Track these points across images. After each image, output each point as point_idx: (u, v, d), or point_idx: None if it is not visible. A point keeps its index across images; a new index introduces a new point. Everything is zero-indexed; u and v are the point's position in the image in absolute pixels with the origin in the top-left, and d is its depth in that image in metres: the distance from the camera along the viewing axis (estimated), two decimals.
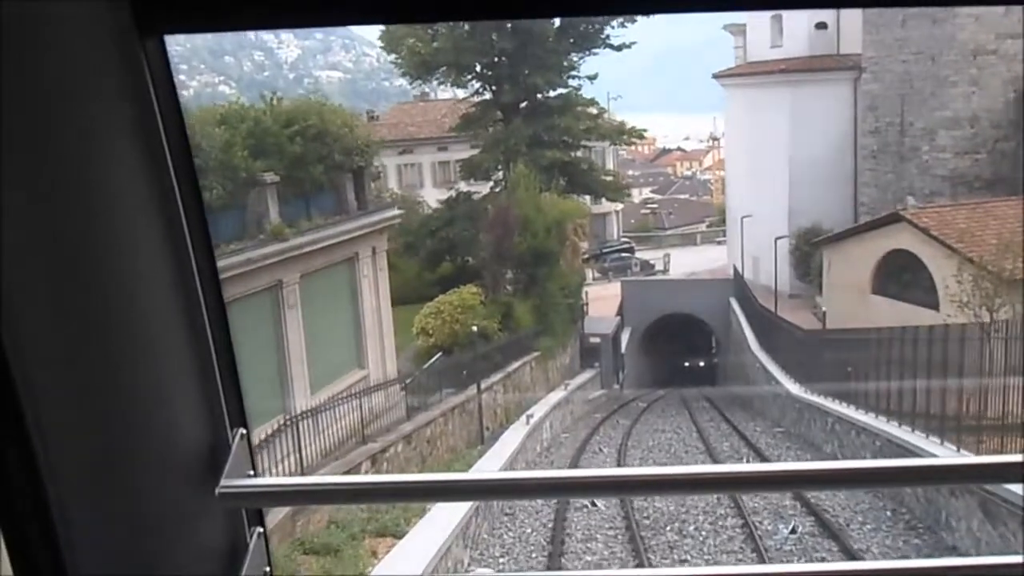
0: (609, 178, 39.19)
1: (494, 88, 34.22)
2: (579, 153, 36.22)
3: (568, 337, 30.27)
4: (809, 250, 35.87)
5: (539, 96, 34.25)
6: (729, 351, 39.36)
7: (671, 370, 42.55)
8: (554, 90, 35.07)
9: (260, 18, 1.09)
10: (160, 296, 1.18)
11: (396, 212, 22.82)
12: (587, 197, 38.29)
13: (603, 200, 53.49)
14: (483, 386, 20.75)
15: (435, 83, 37.71)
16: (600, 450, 20.15)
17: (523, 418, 18.86)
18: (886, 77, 34.76)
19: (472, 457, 16.51)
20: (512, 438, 16.92)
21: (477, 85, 34.61)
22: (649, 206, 77.83)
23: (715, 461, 18.85)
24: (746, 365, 32.81)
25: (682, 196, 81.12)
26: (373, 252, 19.51)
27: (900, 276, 27.59)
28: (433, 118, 50.97)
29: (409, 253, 33.58)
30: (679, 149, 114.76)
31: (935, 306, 25.65)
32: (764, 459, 18.46)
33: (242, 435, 1.29)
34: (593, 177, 36.75)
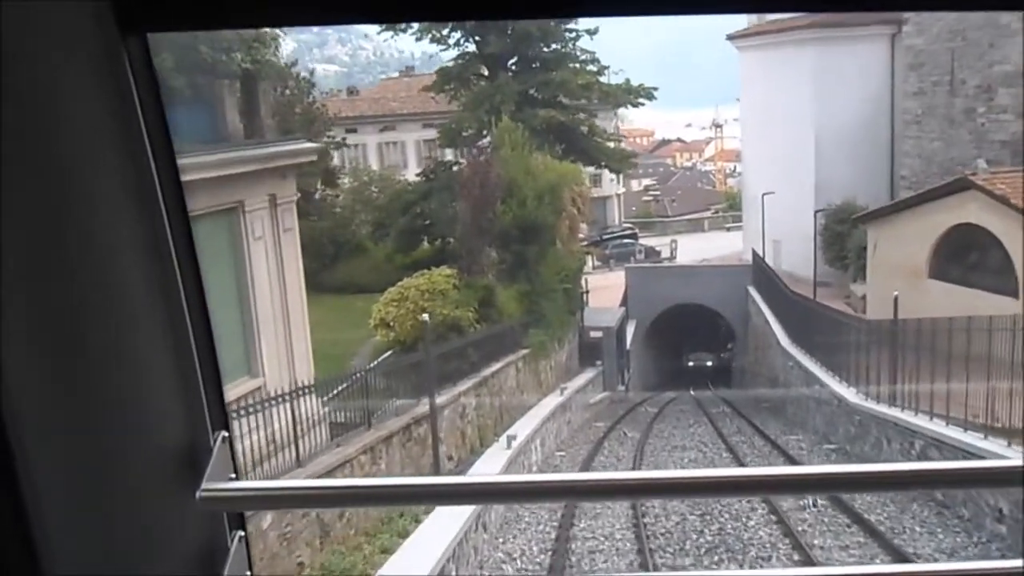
0: (612, 144, 33.90)
1: (477, 39, 29.16)
2: (580, 115, 31.11)
3: (565, 331, 25.45)
4: (842, 230, 31.23)
5: (531, 51, 29.18)
6: (748, 347, 34.89)
7: (681, 368, 38.02)
8: (548, 47, 30.12)
9: (243, 17, 1.08)
10: (142, 298, 1.17)
11: (309, 146, 16.94)
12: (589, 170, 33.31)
13: (603, 177, 49.19)
14: (453, 394, 15.94)
15: (411, 36, 32.48)
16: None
17: (503, 440, 14.12)
18: (933, 29, 29.97)
19: (397, 528, 11.19)
20: (484, 472, 12.21)
21: (458, 35, 29.40)
22: (651, 193, 74.99)
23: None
24: (774, 364, 28.17)
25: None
26: (272, 204, 13.14)
27: (965, 256, 22.93)
28: (418, 93, 46.30)
29: (379, 233, 28.85)
30: (679, 140, 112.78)
31: (1013, 292, 21.04)
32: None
33: (224, 438, 1.29)
34: (594, 143, 31.62)
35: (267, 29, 17.64)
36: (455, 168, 27.44)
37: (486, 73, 29.02)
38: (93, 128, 1.05)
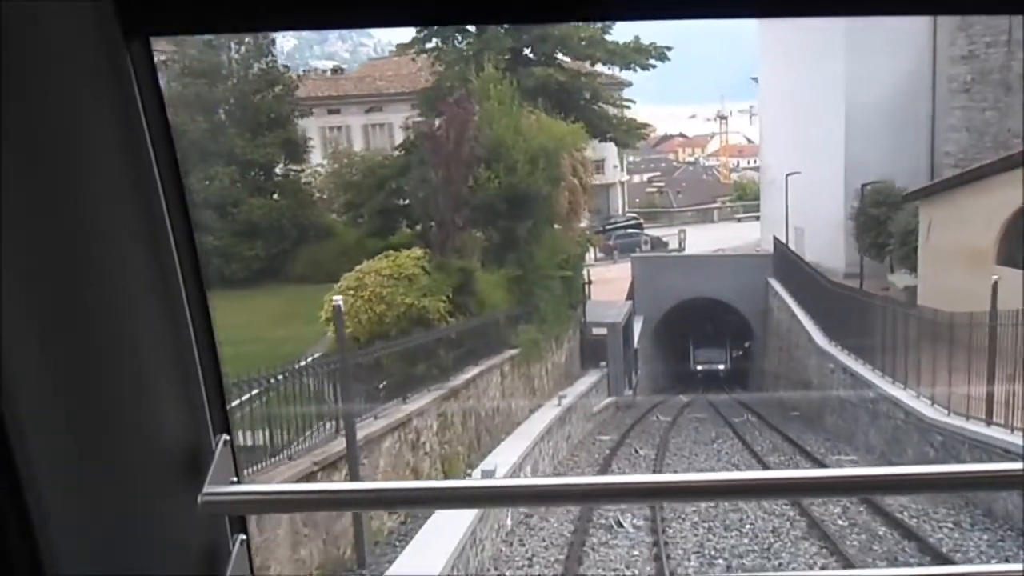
0: (619, 111, 29.67)
1: None
2: (583, 77, 27.00)
3: (563, 327, 21.58)
4: (879, 214, 27.45)
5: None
6: (768, 346, 31.16)
7: (693, 370, 34.22)
8: None
9: (245, 21, 1.13)
10: (144, 300, 1.17)
11: None
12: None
13: (606, 164, 45.58)
14: (402, 415, 11.90)
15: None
16: (618, 525, 11.58)
17: (475, 476, 10.32)
18: None
19: None
20: (439, 543, 8.43)
21: None
22: (655, 184, 72.33)
23: (833, 541, 10.68)
24: (804, 366, 24.43)
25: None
26: None
27: None
28: (407, 72, 42.57)
29: (352, 215, 25.04)
30: (680, 135, 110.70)
31: None
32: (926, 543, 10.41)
33: (225, 441, 1.28)
34: (598, 110, 27.56)
35: None
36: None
37: (473, 29, 25.10)
38: (96, 130, 1.05)
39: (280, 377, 10.12)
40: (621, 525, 11.51)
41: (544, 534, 11.50)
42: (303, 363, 10.66)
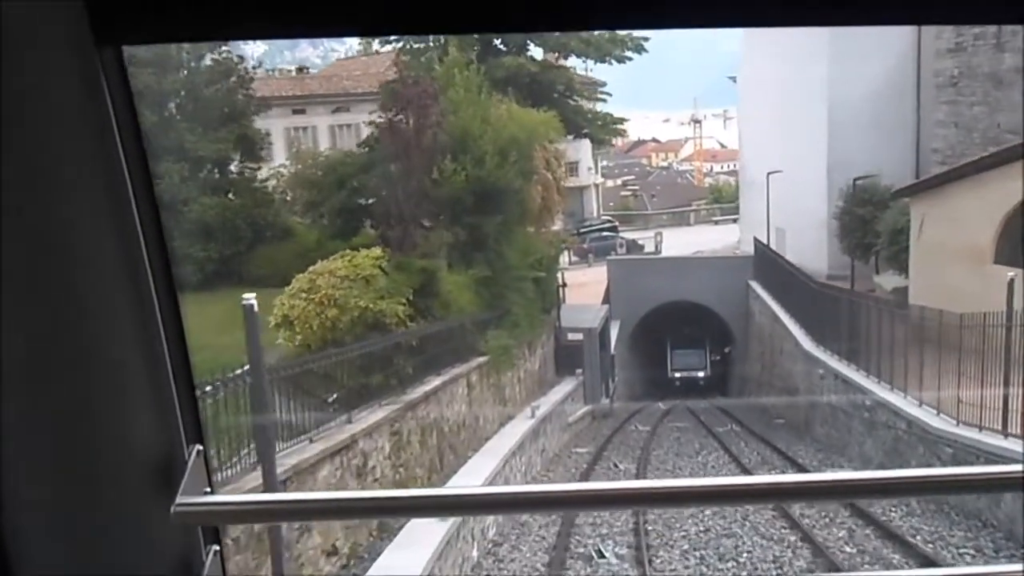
0: (593, 105, 28.25)
1: None
2: (556, 68, 25.66)
3: (536, 331, 20.19)
4: (864, 213, 26.41)
5: None
6: (750, 351, 30.05)
7: (672, 377, 33.04)
8: None
9: (218, 29, 1.09)
10: (116, 309, 1.16)
11: None
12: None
13: (579, 166, 44.61)
14: (341, 438, 10.33)
15: None
16: (599, 555, 10.20)
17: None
18: None
19: None
20: None
21: None
22: (630, 188, 71.80)
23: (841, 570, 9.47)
24: (790, 372, 23.30)
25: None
26: None
27: None
28: (375, 72, 41.28)
29: (312, 214, 23.53)
30: (653, 140, 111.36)
31: None
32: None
33: (198, 451, 1.27)
34: (572, 104, 26.19)
35: None
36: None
37: None
38: (66, 137, 1.04)
39: (208, 388, 8.66)
40: (603, 555, 10.17)
41: (516, 566, 10.13)
42: (237, 373, 9.22)
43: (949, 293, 18.19)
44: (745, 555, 10.17)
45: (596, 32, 25.96)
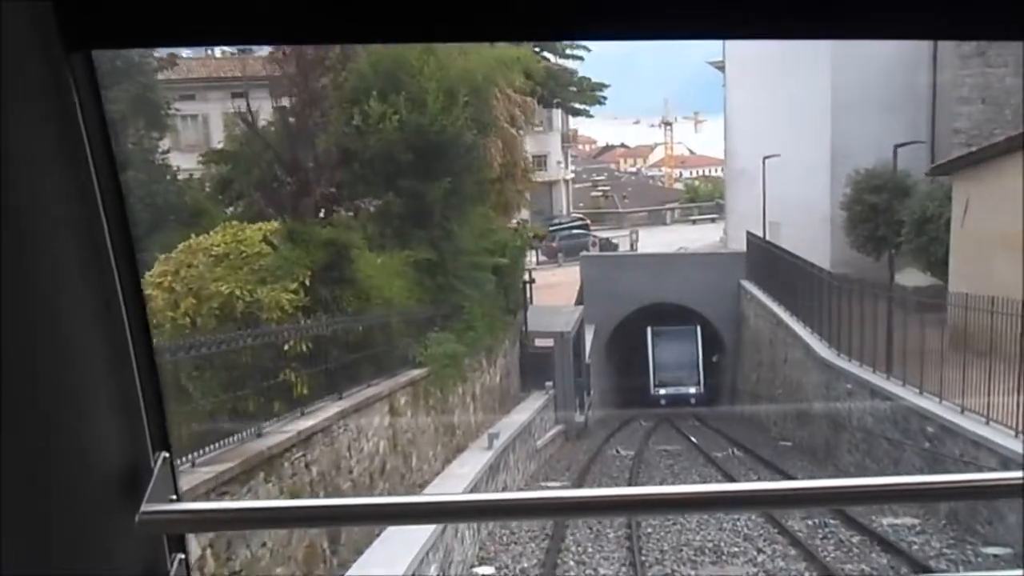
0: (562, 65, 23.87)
1: None
2: None
3: (497, 335, 16.19)
4: (878, 202, 22.90)
5: None
6: (743, 360, 26.42)
7: (656, 394, 29.13)
8: None
9: (189, 35, 1.08)
10: (82, 316, 1.14)
11: None
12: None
13: (548, 159, 41.09)
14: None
15: None
16: None
17: None
18: None
19: None
20: None
21: None
22: (601, 188, 69.29)
23: None
24: (799, 383, 19.66)
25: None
26: None
27: None
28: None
29: (226, 193, 19.48)
30: (622, 145, 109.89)
31: None
32: None
33: (165, 459, 1.25)
34: (545, 67, 22.10)
35: None
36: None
37: None
38: (35, 145, 1.03)
39: None
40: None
41: None
42: None
43: (1006, 289, 14.67)
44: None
45: None
